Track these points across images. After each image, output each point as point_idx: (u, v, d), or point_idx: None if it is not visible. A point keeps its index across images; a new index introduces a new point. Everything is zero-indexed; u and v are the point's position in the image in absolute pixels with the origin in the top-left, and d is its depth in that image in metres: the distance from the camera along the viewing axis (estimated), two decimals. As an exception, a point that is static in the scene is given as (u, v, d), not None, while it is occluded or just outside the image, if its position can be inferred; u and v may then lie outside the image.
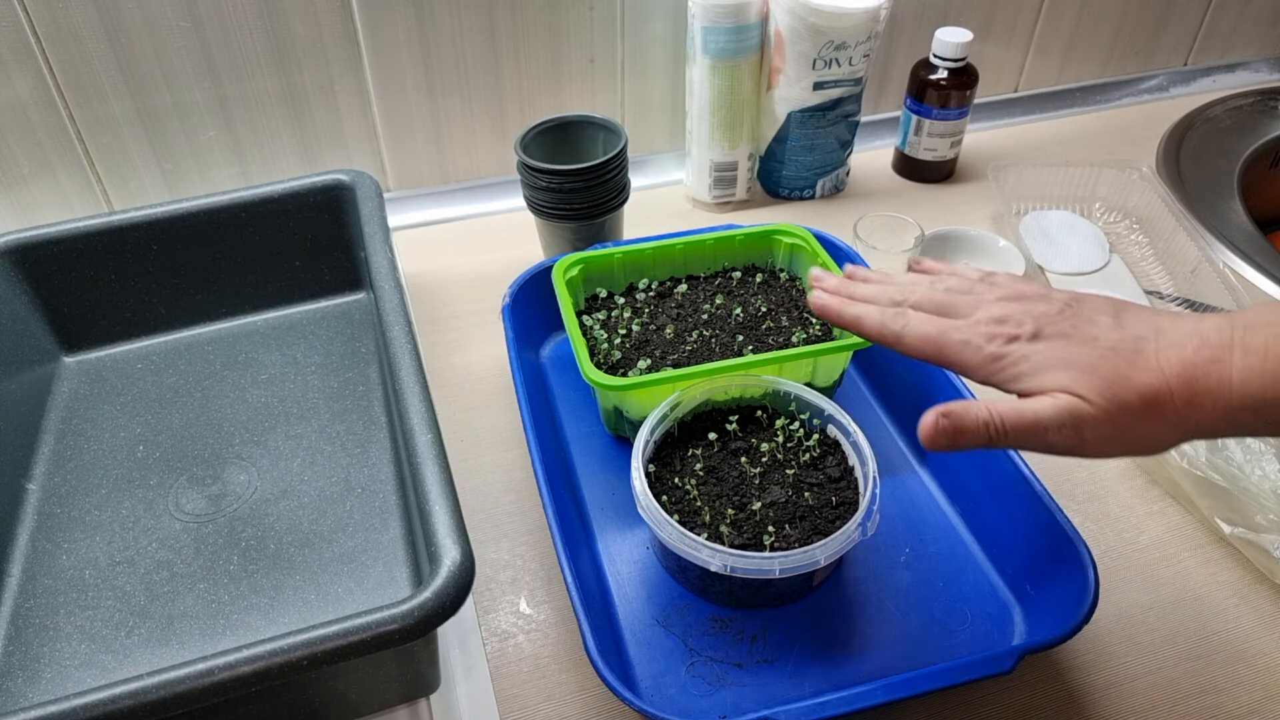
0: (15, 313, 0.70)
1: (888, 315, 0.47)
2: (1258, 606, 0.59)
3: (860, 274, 0.51)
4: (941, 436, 0.43)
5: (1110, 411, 0.40)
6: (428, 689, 0.53)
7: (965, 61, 0.93)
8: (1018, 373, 0.42)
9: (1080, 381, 0.40)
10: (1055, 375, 0.41)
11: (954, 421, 0.43)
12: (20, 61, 0.77)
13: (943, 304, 0.46)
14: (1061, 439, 0.41)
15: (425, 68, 0.88)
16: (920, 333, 0.45)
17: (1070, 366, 0.41)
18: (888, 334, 0.46)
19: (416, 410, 0.56)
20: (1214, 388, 0.39)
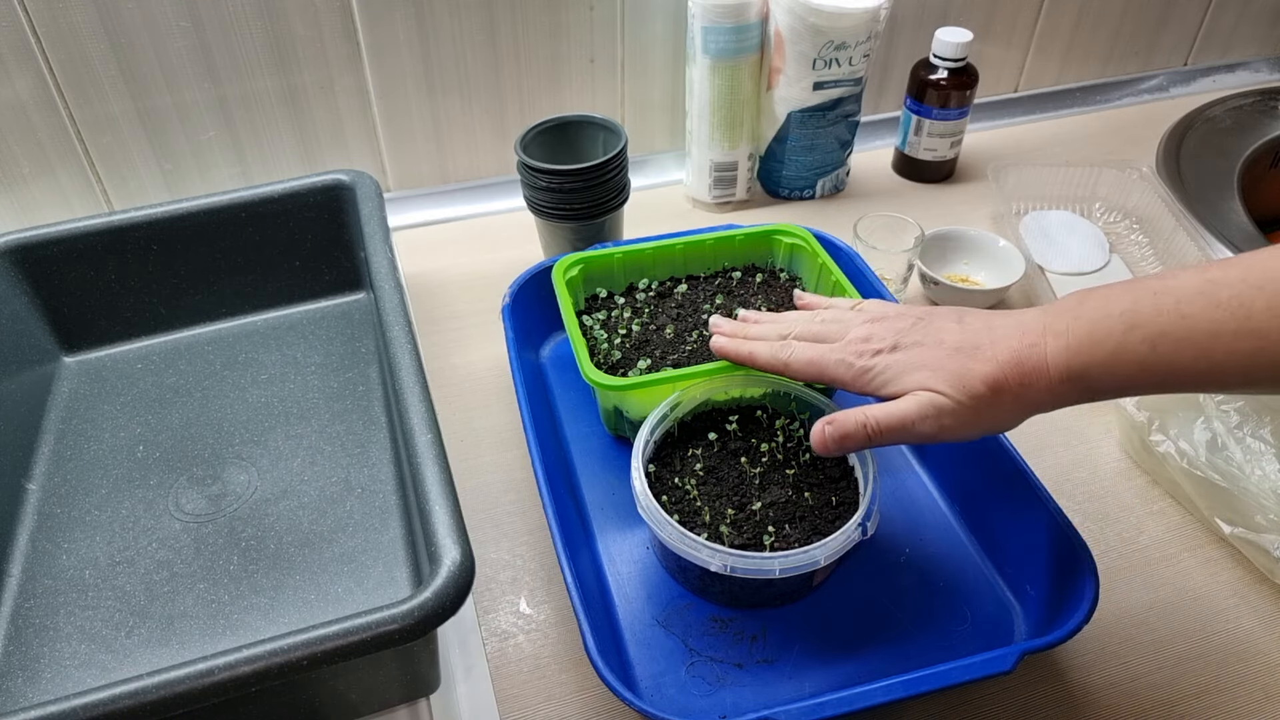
0: (15, 313, 0.70)
1: (775, 347, 0.55)
2: (1258, 606, 0.59)
3: (752, 316, 0.61)
4: (830, 442, 0.51)
5: (962, 400, 0.47)
6: (428, 689, 0.53)
7: (965, 61, 0.93)
8: (883, 380, 0.50)
9: (934, 379, 0.48)
10: (913, 376, 0.49)
11: (837, 428, 0.51)
12: (20, 61, 0.77)
13: (819, 333, 0.55)
14: (926, 428, 0.48)
15: (425, 68, 0.88)
16: (803, 358, 0.54)
17: (924, 368, 0.49)
18: (777, 363, 0.55)
19: (416, 410, 0.56)
20: (1037, 368, 0.46)
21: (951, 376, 0.48)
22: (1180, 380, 0.44)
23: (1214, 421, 0.62)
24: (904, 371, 0.49)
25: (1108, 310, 0.45)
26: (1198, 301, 0.43)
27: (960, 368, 0.48)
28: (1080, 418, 0.72)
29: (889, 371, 0.50)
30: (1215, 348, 0.42)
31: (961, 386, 0.47)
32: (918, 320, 0.52)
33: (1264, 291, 0.41)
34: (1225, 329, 0.42)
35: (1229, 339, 0.42)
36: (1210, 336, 0.42)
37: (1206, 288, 0.43)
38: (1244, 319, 0.42)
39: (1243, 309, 0.42)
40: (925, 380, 0.48)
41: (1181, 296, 0.43)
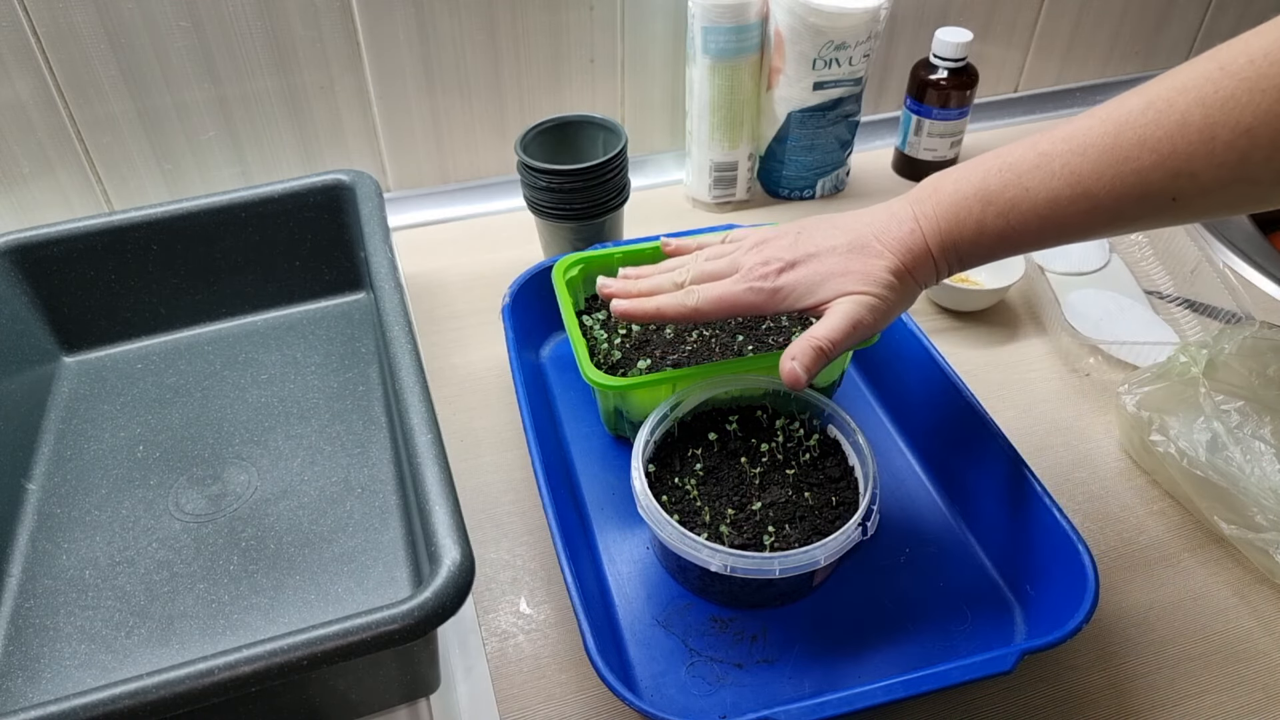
0: (15, 313, 0.70)
1: (680, 296, 0.56)
2: (1258, 606, 0.59)
3: (632, 273, 0.61)
4: (802, 372, 0.52)
5: (881, 294, 0.52)
6: (428, 689, 0.53)
7: (965, 61, 0.93)
8: (799, 295, 0.53)
9: (849, 282, 0.52)
10: (831, 284, 0.52)
11: (799, 360, 0.52)
12: (20, 61, 0.77)
13: (712, 271, 0.56)
14: (866, 325, 0.52)
15: (425, 68, 0.88)
16: (711, 297, 0.55)
17: (834, 275, 0.52)
18: (686, 310, 0.56)
19: (416, 410, 0.56)
20: (921, 251, 0.52)
21: (863, 277, 0.52)
22: (1033, 243, 0.50)
23: (1214, 421, 0.62)
24: (817, 284, 0.53)
25: (963, 191, 0.51)
26: (1035, 174, 0.48)
27: (865, 266, 0.52)
28: (1080, 418, 0.72)
29: (801, 286, 0.53)
30: (1055, 213, 0.48)
31: (875, 281, 0.52)
32: (797, 235, 0.55)
33: (1086, 157, 0.46)
34: (1062, 195, 0.47)
35: (1066, 204, 0.47)
36: (1050, 204, 0.48)
37: (1041, 160, 0.48)
38: (1074, 184, 0.47)
39: (1073, 175, 0.47)
40: (843, 285, 0.52)
41: (1021, 170, 0.49)
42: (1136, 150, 0.45)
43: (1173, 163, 0.44)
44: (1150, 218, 0.47)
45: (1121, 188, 0.46)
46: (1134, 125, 0.45)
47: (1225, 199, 0.44)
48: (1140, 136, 0.45)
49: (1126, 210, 0.46)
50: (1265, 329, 0.65)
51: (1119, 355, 0.76)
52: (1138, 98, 0.46)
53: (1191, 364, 0.65)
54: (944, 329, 0.81)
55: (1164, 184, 0.45)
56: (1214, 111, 0.42)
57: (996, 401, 0.72)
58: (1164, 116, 0.44)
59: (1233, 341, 0.65)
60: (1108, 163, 0.46)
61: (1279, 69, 0.41)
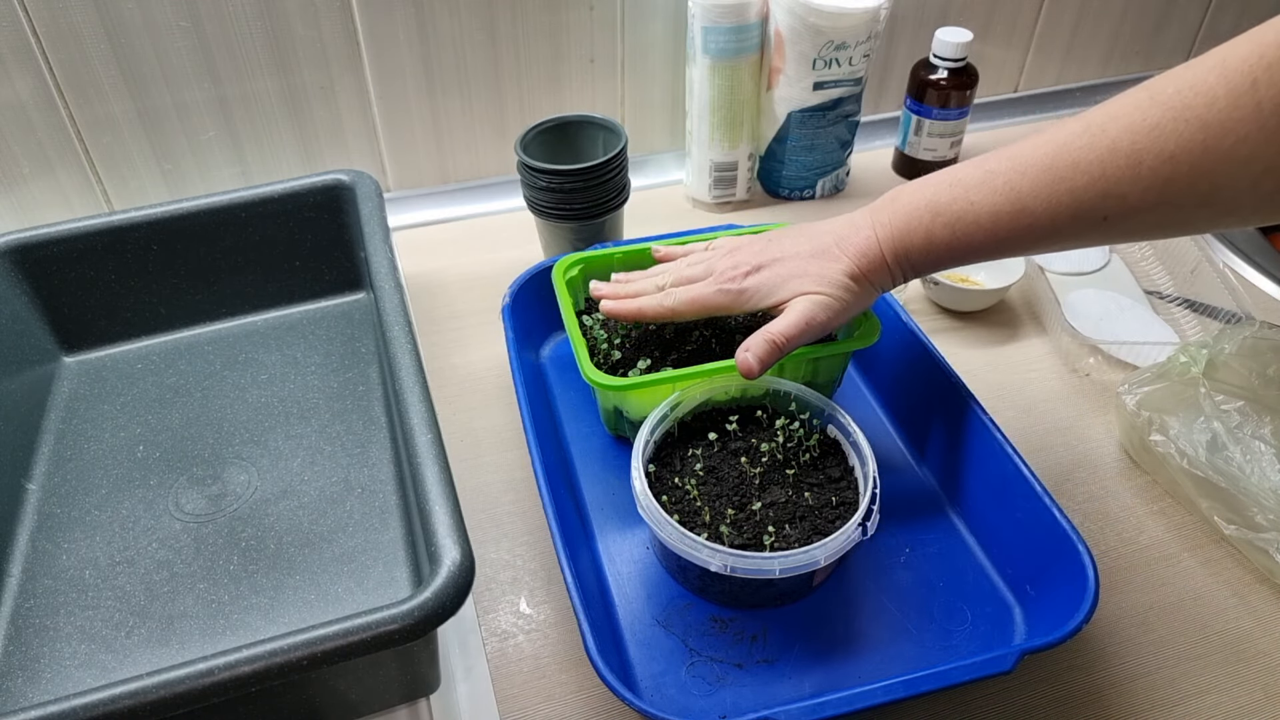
0: (15, 313, 0.70)
1: (659, 298, 0.61)
2: (1258, 606, 0.59)
3: (622, 277, 0.66)
4: (755, 363, 0.56)
5: (836, 294, 0.56)
6: (428, 689, 0.53)
7: (965, 61, 0.93)
8: (761, 296, 0.58)
9: (807, 282, 0.56)
10: (790, 285, 0.57)
11: (754, 352, 0.56)
12: (20, 61, 0.77)
13: (690, 275, 0.61)
14: (819, 322, 0.56)
15: (425, 68, 0.88)
16: (685, 299, 0.60)
17: (794, 277, 0.57)
18: (664, 310, 0.60)
19: (416, 410, 0.56)
20: (876, 257, 0.55)
21: (820, 279, 0.56)
22: (977, 255, 0.53)
23: (1214, 421, 0.62)
24: (777, 285, 0.57)
25: (915, 202, 0.54)
26: (980, 189, 0.51)
27: (823, 270, 0.56)
28: (1080, 418, 0.72)
29: (763, 288, 0.58)
30: (998, 226, 0.51)
31: (831, 283, 0.56)
32: (768, 243, 0.60)
33: (1026, 176, 0.49)
34: (1003, 210, 0.50)
35: (1007, 219, 0.50)
36: (993, 218, 0.51)
37: (986, 177, 0.51)
38: (1015, 201, 0.50)
39: (1013, 192, 0.50)
40: (801, 286, 0.56)
41: (969, 185, 0.52)
42: (1070, 171, 0.48)
43: (1103, 184, 0.47)
44: (1084, 235, 0.49)
45: (1056, 206, 0.48)
46: (1070, 148, 0.48)
47: (1153, 220, 0.47)
48: (1074, 159, 0.48)
49: (1062, 227, 0.49)
50: (1265, 329, 0.65)
51: (1119, 355, 0.76)
52: (1077, 123, 0.49)
53: (1191, 364, 0.65)
54: (944, 329, 0.81)
55: (1095, 204, 0.47)
56: (1140, 138, 0.45)
57: (996, 401, 0.72)
58: (1096, 141, 0.47)
59: (1233, 341, 0.65)
60: (1045, 182, 0.48)
61: (1202, 100, 0.44)
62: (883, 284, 0.57)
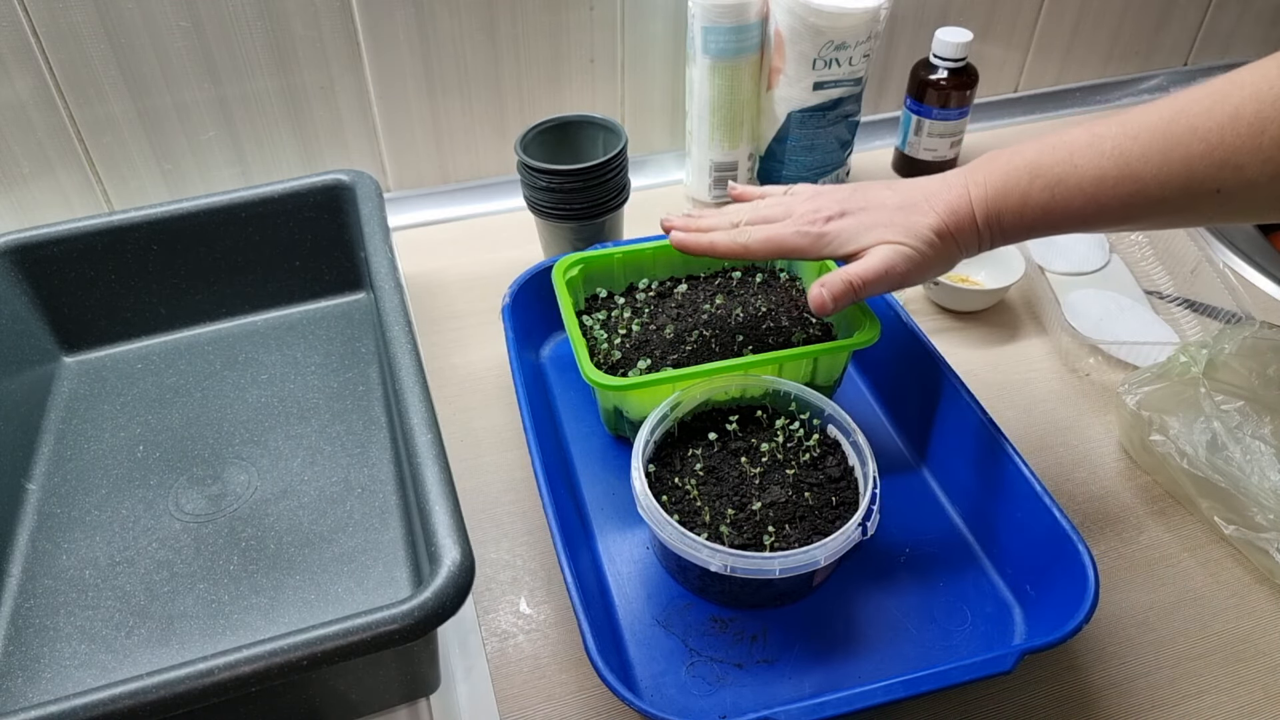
0: (15, 313, 0.70)
1: (732, 234, 0.59)
2: (1257, 606, 0.59)
3: (698, 213, 0.64)
4: (829, 301, 0.56)
5: (919, 247, 0.54)
6: (428, 689, 0.53)
7: (965, 61, 0.93)
8: (842, 241, 0.56)
9: (891, 233, 0.55)
10: (871, 234, 0.55)
11: (829, 289, 0.55)
12: (20, 61, 0.77)
13: (767, 215, 0.60)
14: (898, 273, 0.54)
15: (425, 68, 0.88)
16: (760, 237, 0.58)
17: (879, 226, 0.55)
18: (736, 247, 0.59)
19: (416, 410, 0.56)
20: (966, 216, 0.54)
21: (905, 230, 0.55)
22: (1073, 223, 0.52)
23: (1214, 421, 0.62)
24: (860, 231, 0.56)
25: (1015, 163, 0.53)
26: (1086, 152, 0.50)
27: (909, 221, 0.55)
28: (1080, 417, 0.72)
29: (845, 233, 0.56)
30: (1101, 192, 0.49)
31: (916, 235, 0.54)
32: (853, 191, 0.58)
33: (1138, 140, 0.48)
34: (1109, 175, 0.49)
35: (1112, 184, 0.49)
36: (1096, 182, 0.49)
37: (1093, 140, 0.50)
38: (1122, 165, 0.48)
39: (1121, 156, 0.48)
40: (884, 235, 0.55)
41: (1074, 148, 0.50)
42: (1187, 137, 0.46)
43: (1220, 153, 0.45)
44: (1193, 208, 0.48)
45: (1168, 174, 0.46)
46: (1188, 113, 0.46)
47: (1267, 195, 0.45)
48: (1192, 124, 0.46)
49: (1170, 197, 0.47)
50: (1265, 329, 0.65)
51: (1119, 355, 0.76)
52: (1199, 89, 0.47)
53: (1191, 364, 0.65)
54: (944, 329, 0.81)
55: (1210, 174, 0.45)
56: (1267, 107, 0.43)
57: (996, 401, 0.72)
58: (1218, 107, 0.45)
59: (1233, 341, 0.65)
60: (1158, 148, 0.47)
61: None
62: (968, 246, 0.55)
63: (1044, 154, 0.52)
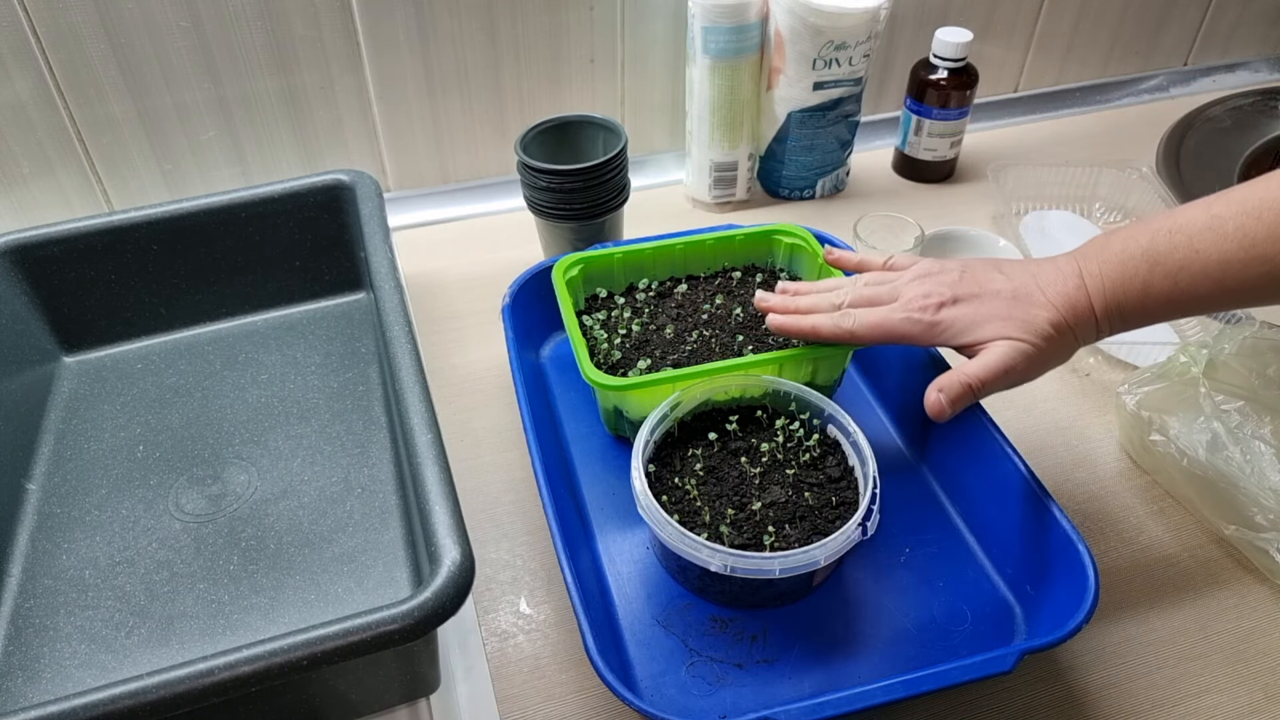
0: (15, 313, 0.70)
1: (836, 318, 0.57)
2: (1258, 606, 0.59)
3: (793, 288, 0.63)
4: (948, 405, 0.54)
5: (1037, 343, 0.52)
6: (428, 689, 0.53)
7: (965, 61, 0.93)
8: (956, 331, 0.54)
9: (1008, 327, 0.52)
10: (988, 328, 0.53)
11: (947, 393, 0.54)
12: (20, 61, 0.77)
13: (871, 297, 0.57)
14: (1018, 371, 0.52)
15: (425, 68, 0.88)
16: (867, 323, 0.56)
17: (995, 318, 0.53)
18: (841, 333, 0.57)
19: (416, 410, 0.56)
20: (1084, 308, 0.52)
21: (1022, 324, 0.52)
22: (1200, 306, 0.50)
23: (1214, 421, 0.62)
24: (975, 324, 0.53)
25: (1130, 251, 0.51)
26: (1206, 236, 0.48)
27: (1026, 314, 0.53)
28: (1080, 417, 0.72)
29: (959, 324, 0.54)
30: (1227, 276, 0.47)
31: (1034, 330, 0.52)
32: (963, 272, 0.56)
33: (1262, 220, 0.46)
34: (1234, 259, 0.47)
35: (1238, 267, 0.47)
36: (1221, 266, 0.47)
37: (1213, 223, 0.48)
38: (1249, 247, 0.46)
39: (1246, 238, 0.47)
40: (1002, 330, 0.53)
41: (1192, 233, 0.48)
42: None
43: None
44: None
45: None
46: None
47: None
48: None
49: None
50: (1265, 329, 0.65)
51: (1119, 355, 0.76)
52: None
53: (1191, 364, 0.65)
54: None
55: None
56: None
57: (996, 401, 0.72)
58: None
59: (1233, 341, 0.65)
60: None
61: None
62: (1085, 337, 0.53)
63: (1159, 239, 0.49)
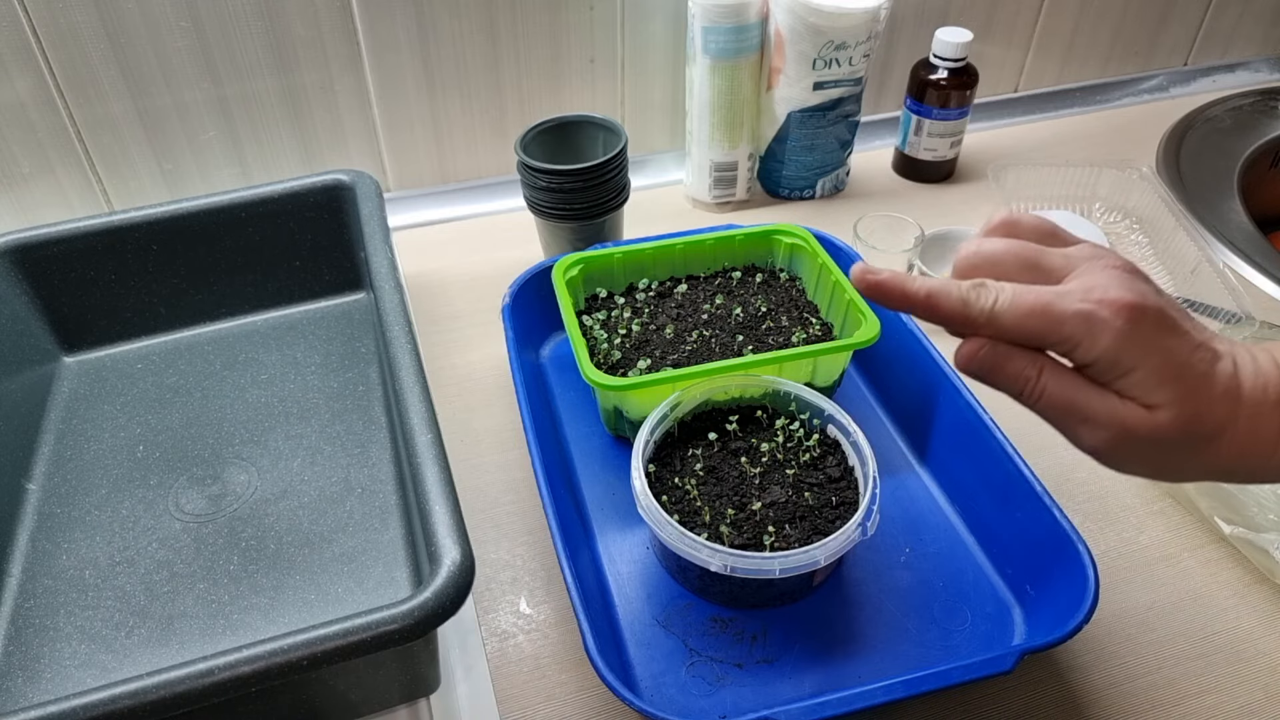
0: (15, 313, 0.70)
1: (966, 288, 0.37)
2: (1258, 606, 0.59)
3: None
4: (981, 363, 0.38)
5: (1174, 435, 0.36)
6: (428, 689, 0.53)
7: (965, 61, 0.93)
8: (1127, 372, 0.35)
9: (1184, 401, 0.35)
10: (1161, 391, 0.35)
11: (997, 356, 0.38)
12: (20, 61, 0.77)
13: (1026, 258, 0.37)
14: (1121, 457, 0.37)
15: (425, 68, 0.88)
16: (1024, 305, 0.36)
17: (1172, 380, 0.35)
18: (974, 312, 0.37)
19: (416, 410, 0.56)
20: (1269, 427, 0.36)
21: (1185, 402, 0.36)
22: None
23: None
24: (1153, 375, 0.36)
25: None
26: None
27: (1190, 392, 0.36)
28: (1080, 418, 0.72)
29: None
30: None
31: (1190, 417, 0.36)
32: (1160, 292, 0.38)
33: None
34: None
35: None
36: None
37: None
38: None
39: None
40: (1167, 398, 0.36)
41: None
42: None
43: None
44: None
45: None
46: None
47: None
48: None
49: None
50: (1265, 329, 0.65)
51: (1119, 355, 0.75)
52: None
53: (1191, 364, 0.65)
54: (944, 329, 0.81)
55: None
56: None
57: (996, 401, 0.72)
58: None
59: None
60: None
61: None
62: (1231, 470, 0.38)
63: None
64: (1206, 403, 0.35)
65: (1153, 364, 0.35)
